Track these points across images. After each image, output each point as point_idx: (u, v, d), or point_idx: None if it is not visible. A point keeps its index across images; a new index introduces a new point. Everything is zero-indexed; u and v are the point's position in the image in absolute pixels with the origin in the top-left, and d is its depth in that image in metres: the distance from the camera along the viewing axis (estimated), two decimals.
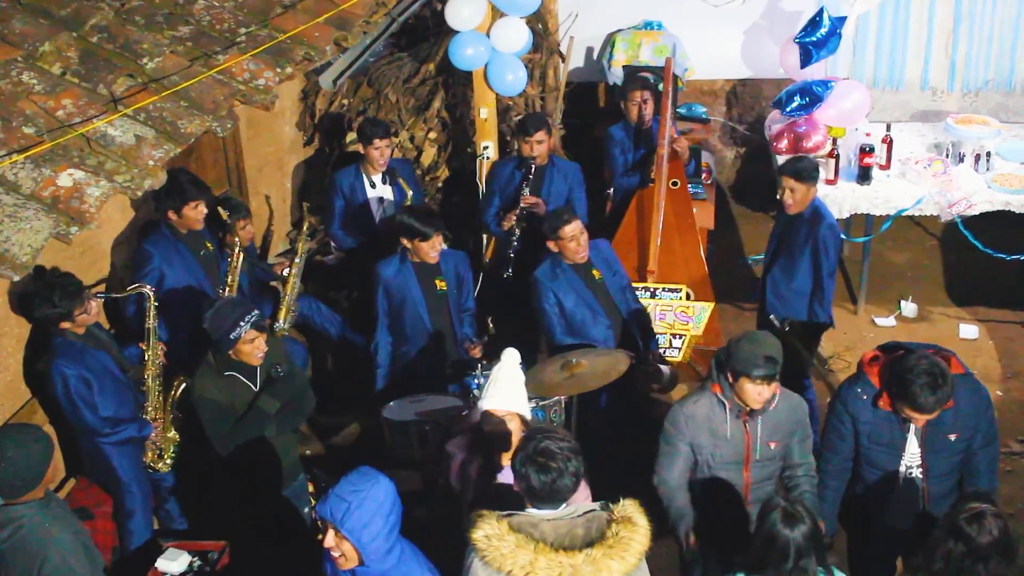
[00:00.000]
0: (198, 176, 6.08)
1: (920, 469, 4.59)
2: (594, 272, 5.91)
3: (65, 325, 5.04)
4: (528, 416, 4.41)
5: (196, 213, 5.77)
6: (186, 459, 5.65)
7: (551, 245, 5.80)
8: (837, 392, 4.76)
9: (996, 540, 3.66)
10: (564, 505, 3.70)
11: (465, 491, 4.41)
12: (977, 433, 4.55)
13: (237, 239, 6.07)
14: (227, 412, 4.97)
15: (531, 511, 3.69)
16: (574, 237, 5.74)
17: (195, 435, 5.35)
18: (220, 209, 6.08)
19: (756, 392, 4.41)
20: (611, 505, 3.65)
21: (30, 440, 4.04)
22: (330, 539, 3.58)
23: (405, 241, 5.84)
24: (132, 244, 5.98)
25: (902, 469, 4.59)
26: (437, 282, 5.95)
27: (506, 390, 4.33)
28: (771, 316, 6.23)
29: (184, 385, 5.48)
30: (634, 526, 3.58)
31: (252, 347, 4.90)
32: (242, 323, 4.84)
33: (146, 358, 5.40)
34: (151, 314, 5.39)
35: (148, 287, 5.40)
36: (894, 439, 4.55)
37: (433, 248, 5.83)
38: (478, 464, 4.41)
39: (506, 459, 4.23)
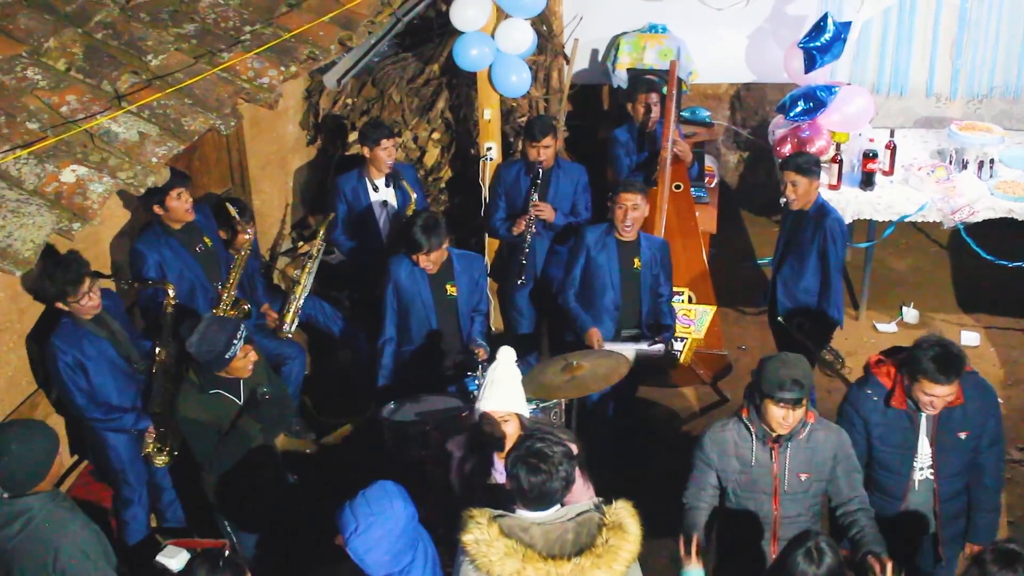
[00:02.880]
0: (182, 170, 6.00)
1: (931, 470, 4.59)
2: (635, 261, 6.00)
3: (61, 306, 5.06)
4: (527, 415, 4.40)
5: (181, 203, 5.71)
6: (183, 458, 5.67)
7: (612, 204, 5.97)
8: (846, 396, 4.72)
9: None
10: (556, 507, 3.70)
11: (463, 489, 4.41)
12: (985, 432, 4.57)
13: (247, 236, 6.06)
14: (212, 431, 4.89)
15: (521, 513, 3.68)
16: (624, 206, 5.86)
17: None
18: (228, 205, 6.09)
19: (780, 416, 4.23)
20: (604, 507, 3.63)
21: (33, 435, 4.04)
22: (338, 541, 3.63)
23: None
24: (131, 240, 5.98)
25: (914, 471, 4.59)
26: (448, 287, 5.92)
27: (503, 391, 4.31)
28: (779, 318, 6.23)
29: None
30: (624, 533, 3.57)
31: (244, 363, 4.83)
32: (235, 341, 4.74)
33: (156, 352, 5.41)
34: (168, 311, 5.43)
35: (171, 284, 5.47)
36: (906, 440, 4.53)
37: (428, 261, 5.73)
38: (474, 463, 4.41)
39: (501, 458, 4.24)
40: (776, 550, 4.38)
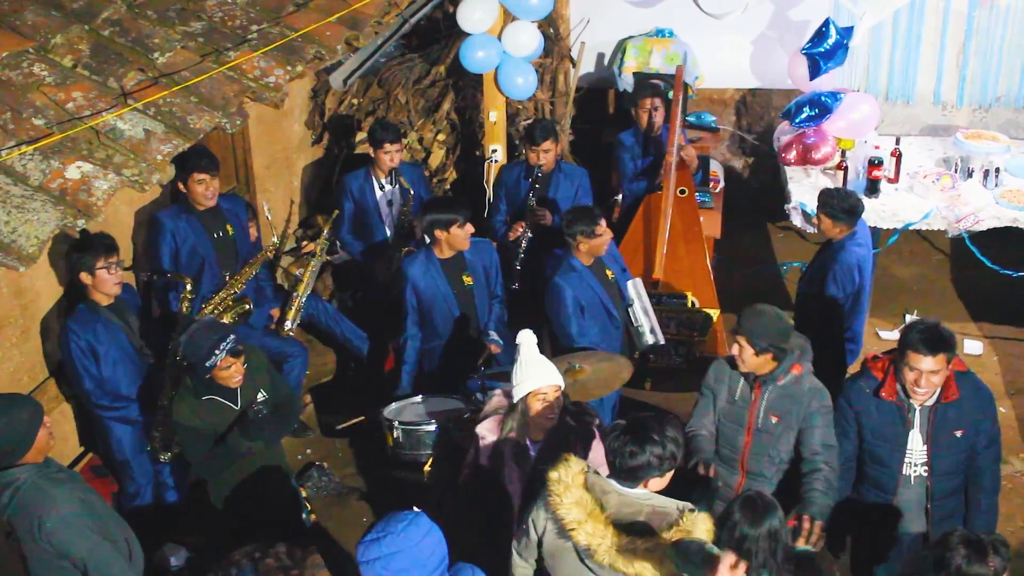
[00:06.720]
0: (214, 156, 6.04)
1: (925, 468, 4.61)
2: (608, 272, 5.93)
3: (85, 277, 5.13)
4: (563, 384, 4.48)
5: (201, 188, 5.79)
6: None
7: (580, 243, 5.69)
8: (841, 389, 4.83)
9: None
10: (644, 490, 3.73)
11: (499, 471, 4.43)
12: (981, 432, 4.58)
13: (275, 238, 6.14)
14: (205, 437, 4.83)
15: (611, 480, 3.75)
16: (604, 232, 5.78)
17: None
18: (263, 205, 6.17)
19: (735, 351, 4.64)
20: (685, 513, 3.60)
21: (14, 406, 4.05)
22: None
23: (439, 233, 5.80)
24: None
25: (906, 467, 4.62)
26: (464, 277, 5.95)
27: (540, 369, 4.41)
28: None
29: None
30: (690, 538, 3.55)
31: (229, 373, 4.75)
32: (217, 351, 4.65)
33: (170, 347, 5.43)
34: (185, 303, 5.49)
35: (189, 278, 5.53)
36: (897, 434, 4.59)
37: (468, 232, 5.83)
38: (511, 446, 4.44)
39: (537, 436, 4.38)
40: (743, 479, 4.78)
